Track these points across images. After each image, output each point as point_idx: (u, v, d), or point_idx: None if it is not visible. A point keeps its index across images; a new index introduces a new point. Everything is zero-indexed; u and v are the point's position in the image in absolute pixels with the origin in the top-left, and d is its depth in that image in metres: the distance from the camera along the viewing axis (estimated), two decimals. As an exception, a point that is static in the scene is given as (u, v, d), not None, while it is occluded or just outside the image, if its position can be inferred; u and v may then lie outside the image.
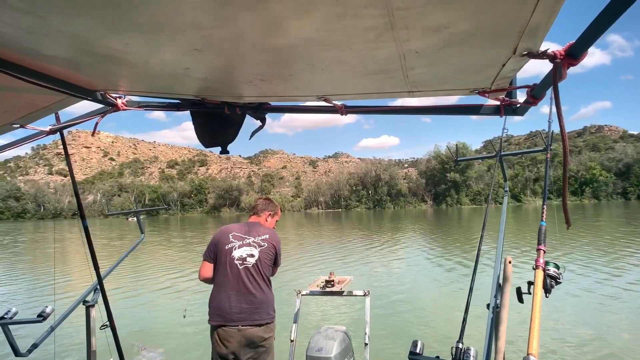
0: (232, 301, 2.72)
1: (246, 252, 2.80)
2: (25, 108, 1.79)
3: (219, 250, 2.81)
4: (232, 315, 2.70)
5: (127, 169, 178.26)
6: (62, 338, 6.51)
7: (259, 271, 2.81)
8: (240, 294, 2.73)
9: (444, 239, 22.65)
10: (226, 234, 2.86)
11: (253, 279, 2.78)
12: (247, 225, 2.96)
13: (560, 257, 13.24)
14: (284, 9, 0.99)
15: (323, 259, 15.79)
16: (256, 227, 2.95)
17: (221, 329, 2.70)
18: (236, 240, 2.83)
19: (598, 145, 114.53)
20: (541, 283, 1.60)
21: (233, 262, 2.77)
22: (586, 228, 23.96)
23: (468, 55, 1.30)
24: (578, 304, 8.02)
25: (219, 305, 2.73)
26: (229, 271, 2.76)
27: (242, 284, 2.74)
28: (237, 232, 2.87)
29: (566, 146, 1.24)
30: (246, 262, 2.79)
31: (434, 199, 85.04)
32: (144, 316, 8.57)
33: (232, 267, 2.76)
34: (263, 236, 2.90)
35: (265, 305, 2.80)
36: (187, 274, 13.27)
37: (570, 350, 5.70)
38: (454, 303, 2.54)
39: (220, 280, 2.77)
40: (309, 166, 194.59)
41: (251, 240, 2.85)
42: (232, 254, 2.78)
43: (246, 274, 2.77)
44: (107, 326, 2.72)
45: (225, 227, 2.95)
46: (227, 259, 2.77)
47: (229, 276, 2.75)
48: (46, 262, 17.88)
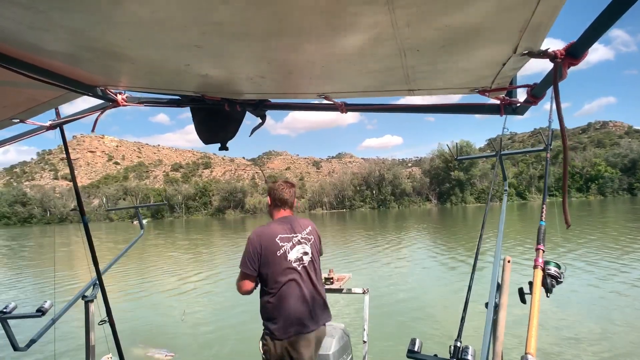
0: (304, 306, 2.52)
1: (300, 252, 2.60)
2: (25, 103, 1.79)
3: (268, 260, 2.52)
4: (307, 321, 2.51)
5: (131, 173, 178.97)
6: (61, 333, 6.55)
7: (314, 267, 2.66)
8: (307, 296, 2.55)
9: (448, 237, 22.60)
10: (271, 238, 2.55)
11: (314, 276, 2.64)
12: (287, 222, 2.68)
13: (568, 254, 13.18)
14: (284, 6, 0.99)
15: (327, 259, 15.79)
16: (297, 222, 2.72)
17: (297, 338, 2.47)
18: (285, 242, 2.57)
19: (603, 141, 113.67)
20: (540, 282, 1.59)
21: (291, 266, 2.54)
22: (591, 224, 23.81)
23: (469, 54, 1.30)
24: (586, 301, 7.97)
25: (289, 315, 2.48)
26: (290, 277, 2.53)
27: (306, 286, 2.56)
28: (282, 234, 2.59)
29: (566, 146, 1.24)
30: (302, 261, 2.60)
31: (439, 198, 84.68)
32: (149, 315, 8.61)
33: (292, 273, 2.54)
34: (307, 229, 2.72)
35: (326, 300, 2.71)
36: (189, 275, 13.33)
37: (578, 348, 5.67)
38: (454, 301, 2.53)
39: (284, 290, 2.51)
40: (313, 167, 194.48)
41: (300, 238, 2.64)
42: (287, 259, 2.54)
43: (306, 273, 2.60)
44: (105, 321, 2.70)
45: (263, 230, 2.61)
46: (283, 266, 2.52)
47: (291, 283, 2.53)
48: (54, 262, 18.06)
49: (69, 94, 1.71)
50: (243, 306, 8.16)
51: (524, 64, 1.34)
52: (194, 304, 9.52)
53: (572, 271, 10.34)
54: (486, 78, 1.51)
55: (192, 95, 1.93)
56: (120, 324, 2.78)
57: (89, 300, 2.81)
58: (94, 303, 2.82)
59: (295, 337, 2.46)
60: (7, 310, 2.52)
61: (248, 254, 2.53)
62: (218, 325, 7.71)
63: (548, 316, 6.88)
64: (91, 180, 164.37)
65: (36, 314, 2.53)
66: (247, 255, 2.53)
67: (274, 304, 2.49)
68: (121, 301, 10.00)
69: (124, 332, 7.19)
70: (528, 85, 1.52)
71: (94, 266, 2.63)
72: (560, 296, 7.95)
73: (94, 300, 2.82)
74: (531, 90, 1.51)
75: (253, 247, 2.53)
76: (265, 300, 2.53)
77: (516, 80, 1.55)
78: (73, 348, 6.24)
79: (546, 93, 1.46)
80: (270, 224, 2.68)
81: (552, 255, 13.16)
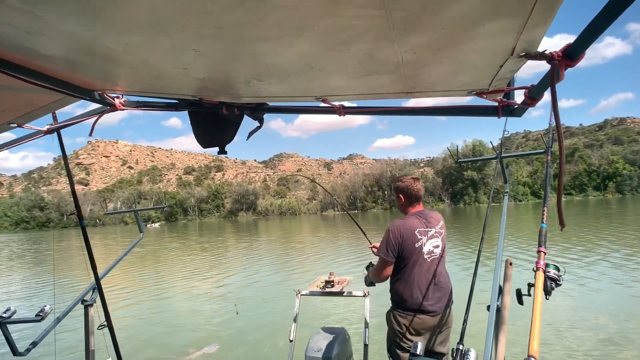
0: (427, 293, 2.75)
1: (433, 245, 2.82)
2: (22, 107, 1.79)
3: (406, 250, 2.74)
4: (427, 307, 2.74)
5: (145, 177, 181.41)
6: (61, 337, 6.63)
7: (442, 259, 2.87)
8: (432, 285, 2.77)
9: (459, 238, 22.32)
10: (411, 231, 2.76)
11: (441, 267, 2.84)
12: (424, 217, 2.87)
13: (581, 254, 12.93)
14: (281, 10, 0.99)
15: (330, 261, 15.75)
16: (430, 215, 2.91)
17: (417, 317, 2.73)
18: (422, 236, 2.78)
19: (621, 138, 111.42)
20: (542, 285, 1.58)
21: (423, 257, 2.77)
22: (609, 223, 23.33)
23: (466, 57, 1.30)
24: (601, 301, 7.81)
25: (411, 296, 2.74)
26: (421, 268, 2.76)
27: (433, 277, 2.77)
28: (420, 228, 2.79)
29: (562, 147, 1.23)
30: (433, 254, 2.82)
31: (452, 198, 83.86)
32: (180, 315, 8.68)
33: (424, 263, 2.77)
34: (439, 223, 2.91)
35: (451, 288, 2.91)
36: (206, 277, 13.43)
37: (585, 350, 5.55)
38: (456, 304, 2.51)
39: (412, 277, 2.76)
40: (324, 168, 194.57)
41: (434, 231, 2.84)
42: (422, 251, 2.77)
43: (435, 265, 2.81)
44: (105, 326, 2.71)
45: (404, 223, 2.80)
46: (418, 257, 2.76)
47: (422, 272, 2.76)
48: (53, 266, 18.37)
49: (67, 98, 1.72)
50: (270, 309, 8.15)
51: (521, 65, 1.34)
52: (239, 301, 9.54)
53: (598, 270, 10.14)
54: (483, 80, 1.51)
55: (189, 99, 1.93)
56: (151, 327, 2.79)
57: (88, 304, 2.82)
58: (93, 307, 2.83)
59: (413, 315, 2.72)
60: (7, 315, 2.49)
61: (389, 243, 2.75)
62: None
63: (558, 319, 6.75)
64: (106, 185, 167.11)
65: (36, 319, 2.51)
66: (389, 244, 2.75)
67: (400, 284, 2.77)
68: (167, 302, 10.08)
69: (150, 334, 7.29)
70: (525, 87, 1.51)
71: (93, 270, 2.64)
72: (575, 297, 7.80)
73: (94, 305, 2.83)
74: (528, 92, 1.50)
75: (395, 237, 2.74)
76: (397, 285, 2.80)
77: (514, 82, 1.54)
78: (73, 352, 6.29)
79: (543, 95, 1.45)
80: (408, 217, 2.86)
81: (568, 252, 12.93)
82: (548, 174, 2.60)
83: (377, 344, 5.04)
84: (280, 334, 6.58)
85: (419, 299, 2.74)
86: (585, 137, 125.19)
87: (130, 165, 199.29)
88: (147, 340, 7.23)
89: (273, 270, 14.49)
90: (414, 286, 2.75)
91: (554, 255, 12.73)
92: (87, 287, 2.91)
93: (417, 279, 2.76)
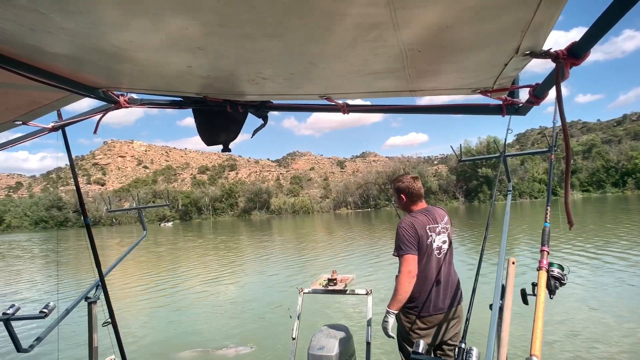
0: (437, 290, 2.77)
1: (441, 241, 2.84)
2: (27, 105, 1.80)
3: (419, 246, 2.74)
4: (438, 303, 2.76)
5: (160, 176, 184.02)
6: (64, 334, 6.67)
7: (450, 254, 2.90)
8: (442, 281, 2.79)
9: (471, 236, 22.07)
10: (423, 227, 2.77)
11: (449, 263, 2.88)
12: (430, 213, 2.88)
13: (596, 251, 12.68)
14: (285, 8, 0.99)
15: (337, 260, 15.74)
16: (435, 211, 2.93)
17: (427, 313, 2.75)
18: (432, 232, 2.80)
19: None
20: (545, 284, 1.56)
21: (433, 253, 2.79)
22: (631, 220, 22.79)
23: (470, 55, 1.29)
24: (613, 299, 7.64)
25: (421, 292, 2.75)
26: (430, 264, 2.78)
27: (442, 273, 2.80)
28: (430, 224, 2.81)
29: (568, 146, 1.22)
30: (442, 249, 2.84)
31: (466, 196, 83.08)
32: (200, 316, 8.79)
33: (433, 259, 2.79)
34: (445, 219, 2.93)
35: (459, 283, 2.93)
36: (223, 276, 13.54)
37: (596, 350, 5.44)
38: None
39: (422, 274, 2.75)
40: (337, 167, 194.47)
41: (441, 227, 2.86)
42: (432, 247, 2.79)
43: (444, 260, 2.83)
44: (109, 323, 2.72)
45: (414, 220, 2.80)
46: (429, 253, 2.77)
47: (432, 268, 2.78)
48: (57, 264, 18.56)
49: (71, 96, 1.73)
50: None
51: (526, 64, 1.33)
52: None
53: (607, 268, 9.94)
54: (488, 79, 1.50)
55: (194, 97, 1.94)
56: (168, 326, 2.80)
57: (92, 301, 2.83)
58: (96, 304, 2.84)
59: (424, 315, 2.74)
60: (11, 311, 2.48)
61: (408, 238, 2.71)
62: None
63: (565, 317, 6.64)
64: (122, 184, 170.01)
65: (39, 315, 2.49)
66: (408, 239, 2.71)
67: (415, 284, 2.68)
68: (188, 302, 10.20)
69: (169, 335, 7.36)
70: (530, 86, 1.49)
71: (97, 268, 2.65)
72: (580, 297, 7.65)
73: (97, 302, 2.84)
74: (533, 90, 1.48)
75: (411, 231, 2.73)
76: None
77: (518, 80, 1.53)
78: (76, 349, 6.35)
79: (548, 93, 1.43)
80: (416, 214, 2.86)
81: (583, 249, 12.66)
82: (551, 172, 2.61)
83: (380, 342, 5.02)
84: (282, 332, 6.53)
85: (429, 296, 2.74)
86: (603, 133, 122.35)
87: (145, 165, 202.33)
88: (151, 338, 7.30)
89: (282, 269, 14.50)
90: (424, 283, 2.75)
91: (567, 254, 12.47)
92: (91, 284, 2.92)
93: (427, 275, 2.76)
